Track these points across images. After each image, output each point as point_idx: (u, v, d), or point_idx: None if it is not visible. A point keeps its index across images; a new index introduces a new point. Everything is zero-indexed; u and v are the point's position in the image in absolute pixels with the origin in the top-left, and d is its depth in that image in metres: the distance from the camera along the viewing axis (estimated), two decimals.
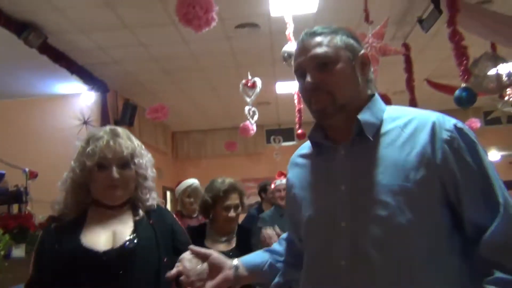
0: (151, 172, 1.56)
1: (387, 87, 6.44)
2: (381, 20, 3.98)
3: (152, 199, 1.55)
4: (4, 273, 3.27)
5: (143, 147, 1.58)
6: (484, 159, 1.01)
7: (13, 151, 4.93)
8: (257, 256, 1.28)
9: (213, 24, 2.81)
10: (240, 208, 2.35)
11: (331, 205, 1.07)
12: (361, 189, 1.04)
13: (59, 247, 1.41)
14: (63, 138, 5.37)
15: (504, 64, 3.87)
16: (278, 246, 1.33)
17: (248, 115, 4.62)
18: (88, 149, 1.46)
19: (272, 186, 4.14)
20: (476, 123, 7.37)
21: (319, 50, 1.09)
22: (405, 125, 1.06)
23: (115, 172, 1.43)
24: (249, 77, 4.40)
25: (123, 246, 1.40)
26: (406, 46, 4.53)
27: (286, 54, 3.68)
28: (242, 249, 2.11)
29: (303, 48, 1.12)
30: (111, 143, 1.45)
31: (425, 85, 6.26)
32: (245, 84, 4.38)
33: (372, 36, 2.65)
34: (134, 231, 1.44)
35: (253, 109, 4.59)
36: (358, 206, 1.03)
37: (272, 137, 8.06)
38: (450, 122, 1.04)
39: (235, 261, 1.20)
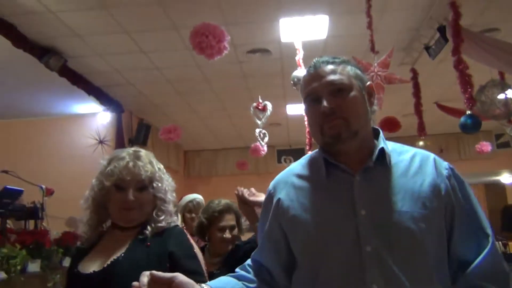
0: (170, 196, 1.55)
1: (397, 110, 6.52)
2: (389, 46, 4.09)
3: (168, 221, 1.51)
4: (20, 287, 3.37)
5: (165, 171, 1.58)
6: (472, 197, 1.13)
7: (31, 168, 5.08)
8: (227, 283, 1.17)
9: (225, 52, 2.95)
10: (236, 230, 2.28)
11: (350, 230, 1.07)
12: (383, 214, 1.07)
13: (69, 269, 1.49)
14: (79, 156, 5.53)
15: (510, 90, 3.94)
16: (244, 273, 1.23)
17: (258, 137, 4.71)
18: (108, 169, 1.47)
19: None
20: (487, 146, 7.36)
21: (334, 77, 1.12)
22: (412, 158, 1.15)
23: (131, 195, 1.44)
24: (260, 100, 4.50)
25: (104, 268, 1.38)
26: (414, 72, 4.62)
27: (296, 79, 3.80)
28: (228, 265, 2.02)
29: (317, 75, 1.14)
30: (131, 165, 1.46)
31: (435, 108, 6.33)
32: (256, 107, 4.49)
33: (378, 65, 2.75)
34: (124, 252, 1.41)
35: (263, 131, 4.69)
36: (382, 231, 1.05)
37: (283, 157, 8.15)
38: (444, 162, 1.16)
39: (204, 287, 1.08)
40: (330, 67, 1.14)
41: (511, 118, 4.86)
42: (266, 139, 4.83)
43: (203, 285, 1.08)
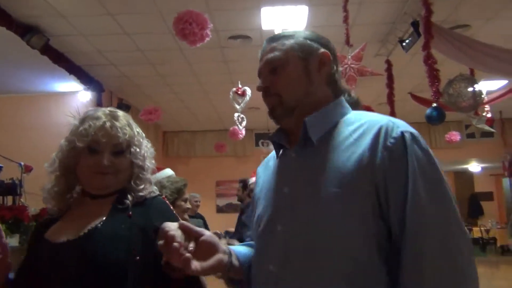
0: (149, 163, 1.40)
1: (373, 99, 6.75)
2: (366, 38, 4.25)
3: (147, 191, 1.38)
4: None
5: (144, 136, 1.43)
6: (420, 172, 0.91)
7: (10, 145, 5.10)
8: (244, 249, 1.16)
9: (207, 39, 3.06)
10: None
11: (273, 208, 1.06)
12: (302, 193, 1.00)
13: (32, 240, 1.34)
14: (58, 134, 5.44)
15: (477, 85, 4.17)
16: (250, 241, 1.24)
17: (237, 121, 4.83)
18: (81, 128, 1.29)
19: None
20: (456, 136, 7.68)
21: (270, 55, 1.10)
22: (356, 129, 1.00)
23: (106, 159, 1.28)
24: (240, 86, 4.62)
25: (80, 236, 1.25)
26: (389, 63, 4.81)
27: None
28: None
29: (261, 55, 1.16)
30: (108, 125, 1.30)
31: (409, 98, 6.57)
32: (236, 92, 4.60)
33: (352, 58, 2.91)
34: (103, 221, 1.28)
35: (241, 115, 4.81)
36: (296, 210, 0.99)
37: (260, 141, 8.29)
38: (398, 129, 0.95)
39: (229, 247, 1.09)
40: (272, 45, 1.12)
41: (478, 110, 5.13)
42: (244, 123, 4.96)
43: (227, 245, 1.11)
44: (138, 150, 1.35)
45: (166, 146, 9.24)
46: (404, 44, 4.33)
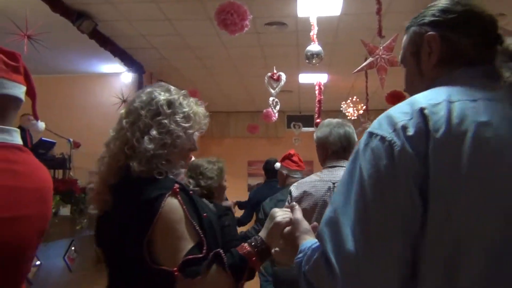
0: None
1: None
2: (399, 26, 4.32)
3: None
4: (54, 228, 3.83)
5: None
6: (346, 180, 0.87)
7: (60, 122, 5.49)
8: None
9: (246, 29, 3.25)
10: None
11: None
12: None
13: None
14: (103, 113, 5.92)
15: None
16: None
17: (271, 105, 5.02)
18: (201, 113, 1.41)
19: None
20: None
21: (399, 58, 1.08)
22: None
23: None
24: (275, 71, 4.80)
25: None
26: None
27: (309, 54, 4.09)
28: None
29: None
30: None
31: None
32: (271, 77, 4.78)
33: (383, 49, 3.05)
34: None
35: (276, 100, 5.00)
36: None
37: (292, 123, 8.42)
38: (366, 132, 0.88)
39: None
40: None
41: None
42: (278, 107, 5.15)
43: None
44: None
45: None
46: None
